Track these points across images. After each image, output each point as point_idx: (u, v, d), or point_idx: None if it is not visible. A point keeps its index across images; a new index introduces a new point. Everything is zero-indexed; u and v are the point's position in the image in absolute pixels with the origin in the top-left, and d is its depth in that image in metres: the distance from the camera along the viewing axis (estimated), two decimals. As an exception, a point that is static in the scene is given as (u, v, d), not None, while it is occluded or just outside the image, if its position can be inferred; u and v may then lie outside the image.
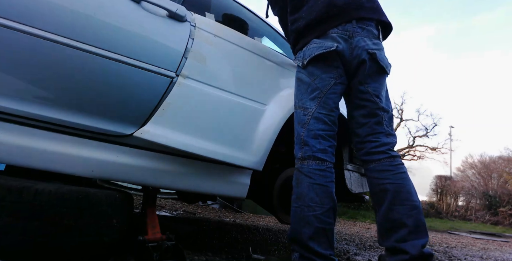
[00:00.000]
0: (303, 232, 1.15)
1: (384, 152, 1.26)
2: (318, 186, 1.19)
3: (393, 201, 1.19)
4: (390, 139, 1.29)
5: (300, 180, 1.22)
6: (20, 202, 0.92)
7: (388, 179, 1.22)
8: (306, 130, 1.25)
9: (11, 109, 1.01)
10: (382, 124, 1.29)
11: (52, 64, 1.05)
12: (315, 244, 1.13)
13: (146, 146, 1.22)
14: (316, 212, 1.16)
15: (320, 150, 1.22)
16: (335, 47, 1.24)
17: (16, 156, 1.02)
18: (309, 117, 1.26)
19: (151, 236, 1.19)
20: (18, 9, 0.99)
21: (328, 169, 1.22)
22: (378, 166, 1.26)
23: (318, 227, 1.14)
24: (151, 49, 1.20)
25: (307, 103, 1.28)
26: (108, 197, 1.07)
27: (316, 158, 1.22)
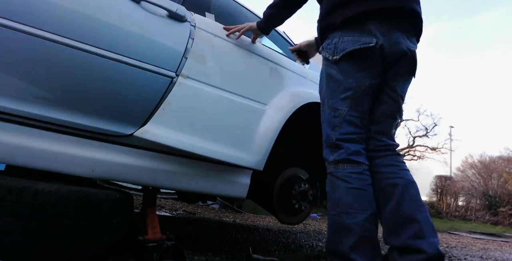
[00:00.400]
0: (344, 242, 1.04)
1: (389, 150, 1.21)
2: (356, 191, 1.10)
3: (403, 196, 1.11)
4: (393, 142, 1.25)
5: (336, 185, 1.13)
6: (20, 202, 0.92)
7: (397, 174, 1.16)
8: (338, 133, 1.16)
9: (11, 109, 1.01)
10: (392, 128, 1.25)
11: (52, 64, 1.05)
12: (358, 256, 1.01)
13: (146, 146, 1.22)
14: (357, 219, 1.05)
15: (354, 152, 1.14)
16: (374, 43, 1.12)
17: (16, 156, 1.02)
18: (340, 119, 1.16)
19: (151, 236, 1.19)
20: (18, 9, 0.99)
21: (364, 172, 1.14)
22: (384, 161, 1.19)
23: (361, 236, 1.03)
24: (151, 49, 1.20)
25: (337, 104, 1.17)
26: (108, 197, 1.07)
27: (351, 161, 1.13)
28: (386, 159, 1.19)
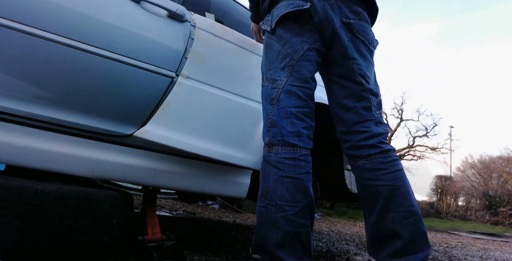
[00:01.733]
0: (269, 237, 0.92)
1: (375, 145, 1.04)
2: (289, 180, 0.95)
3: (385, 207, 0.98)
4: (382, 129, 1.07)
5: (267, 172, 0.99)
6: (20, 202, 0.92)
7: (380, 181, 1.01)
8: (276, 107, 1.02)
9: (11, 109, 1.01)
10: (371, 110, 1.07)
11: (52, 64, 1.05)
12: (285, 253, 0.90)
13: (146, 146, 1.22)
14: (287, 212, 0.93)
15: (291, 132, 0.99)
16: (308, 6, 1.03)
17: (16, 156, 1.02)
18: (279, 90, 1.03)
19: (151, 236, 1.19)
20: (18, 9, 0.99)
21: (302, 157, 0.98)
22: (368, 164, 1.04)
23: (289, 231, 0.91)
24: (151, 49, 1.20)
25: (276, 74, 1.05)
26: (108, 197, 1.07)
27: (287, 143, 0.98)
28: (371, 162, 1.04)
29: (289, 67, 1.04)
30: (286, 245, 0.91)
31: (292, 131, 0.99)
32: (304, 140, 1.00)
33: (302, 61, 1.04)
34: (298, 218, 0.93)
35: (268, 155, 1.00)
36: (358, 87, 1.07)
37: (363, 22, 1.10)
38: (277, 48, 1.08)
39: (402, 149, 18.44)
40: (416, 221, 0.98)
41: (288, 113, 1.01)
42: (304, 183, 0.97)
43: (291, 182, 0.96)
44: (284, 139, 0.99)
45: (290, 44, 1.06)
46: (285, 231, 0.92)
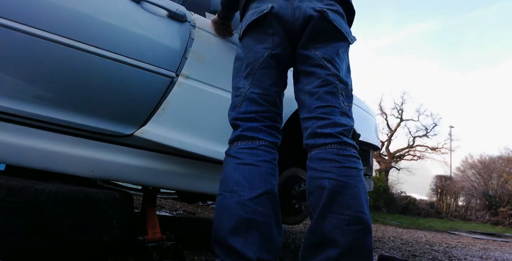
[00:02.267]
0: (223, 226, 0.84)
1: (333, 135, 0.93)
2: (246, 166, 0.90)
3: (328, 206, 0.85)
4: (345, 120, 0.97)
5: (225, 163, 0.96)
6: (20, 202, 0.91)
7: (329, 173, 0.88)
8: (236, 113, 1.02)
9: (11, 109, 1.01)
10: (336, 96, 0.98)
11: (52, 64, 1.05)
12: (238, 241, 0.81)
13: (146, 146, 1.22)
14: (242, 197, 0.85)
15: (251, 128, 0.98)
16: (269, 9, 1.00)
17: (16, 156, 1.02)
18: (241, 98, 1.02)
19: (151, 236, 1.19)
20: (18, 9, 0.99)
21: (261, 147, 0.95)
22: (321, 153, 0.92)
23: (244, 217, 0.83)
24: (151, 49, 1.20)
25: (240, 83, 1.05)
26: (108, 197, 1.07)
27: (245, 137, 0.96)
28: (324, 151, 0.92)
29: (252, 75, 1.04)
30: (240, 232, 0.83)
31: (251, 127, 0.99)
32: (264, 134, 0.99)
33: (263, 68, 1.03)
34: (255, 204, 0.85)
35: (228, 150, 0.99)
36: (324, 71, 1.00)
37: (336, 14, 1.04)
38: (243, 57, 1.08)
39: (402, 149, 18.44)
40: (363, 232, 0.84)
41: (248, 117, 1.01)
42: (262, 169, 0.92)
43: (248, 168, 0.91)
44: (242, 133, 0.98)
45: (252, 52, 1.05)
46: (239, 216, 0.84)
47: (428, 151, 18.47)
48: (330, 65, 1.00)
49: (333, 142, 0.93)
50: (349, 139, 0.95)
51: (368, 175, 2.15)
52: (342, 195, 0.86)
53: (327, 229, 0.84)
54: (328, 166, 0.90)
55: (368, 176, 2.16)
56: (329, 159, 0.91)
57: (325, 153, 0.92)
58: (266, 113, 1.02)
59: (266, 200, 0.88)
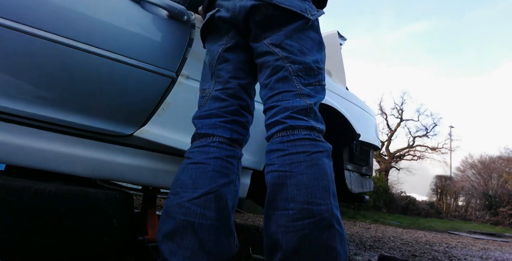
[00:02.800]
0: (161, 228, 0.78)
1: (279, 121, 0.83)
2: (195, 166, 0.83)
3: (271, 202, 0.74)
4: (299, 101, 0.85)
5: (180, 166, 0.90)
6: (20, 202, 0.91)
7: (272, 165, 0.78)
8: (198, 112, 0.98)
9: (11, 109, 1.02)
10: (289, 80, 0.88)
11: (52, 64, 1.05)
12: (168, 247, 0.74)
13: (146, 146, 1.22)
14: (183, 199, 0.78)
15: (206, 125, 0.92)
16: (215, 11, 1.00)
17: (16, 156, 1.02)
18: (206, 98, 0.98)
19: (151, 236, 1.19)
20: (18, 9, 0.99)
21: (212, 144, 0.87)
22: (269, 145, 0.84)
23: (181, 220, 0.75)
24: (151, 49, 1.20)
25: (206, 85, 1.02)
26: (108, 197, 1.07)
27: (200, 135, 0.90)
28: (270, 143, 0.84)
29: (212, 74, 1.01)
30: (173, 236, 0.75)
31: (206, 124, 0.93)
32: (220, 131, 0.91)
33: (219, 64, 1.00)
34: (195, 205, 0.77)
35: (186, 152, 0.93)
36: (272, 57, 0.91)
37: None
38: (206, 61, 1.07)
39: (402, 149, 18.45)
40: (315, 227, 0.68)
41: (208, 114, 0.95)
42: (210, 167, 0.83)
43: (196, 167, 0.84)
44: (197, 132, 0.93)
45: (210, 53, 1.04)
46: (176, 220, 0.76)
47: (428, 151, 18.50)
48: (279, 49, 0.91)
49: (278, 130, 0.82)
50: (300, 120, 0.82)
51: (368, 175, 2.16)
52: (286, 187, 0.73)
53: (273, 230, 0.71)
54: (272, 157, 0.79)
55: (368, 176, 2.17)
56: (273, 150, 0.80)
57: (271, 144, 0.83)
58: (228, 107, 0.95)
59: (208, 201, 0.78)
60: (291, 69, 0.89)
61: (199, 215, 0.76)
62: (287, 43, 0.92)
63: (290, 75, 0.88)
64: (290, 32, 0.93)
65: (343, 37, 2.32)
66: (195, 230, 0.74)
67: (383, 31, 38.32)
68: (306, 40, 0.95)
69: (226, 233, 0.79)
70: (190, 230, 0.74)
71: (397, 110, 18.67)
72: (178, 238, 0.74)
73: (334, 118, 1.71)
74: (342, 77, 2.22)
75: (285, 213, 0.71)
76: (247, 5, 0.93)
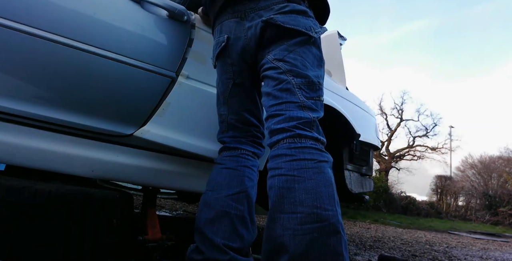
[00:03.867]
0: (202, 216, 0.97)
1: (286, 129, 0.86)
2: (228, 170, 1.04)
3: (278, 205, 0.75)
4: (303, 113, 0.89)
5: (213, 168, 1.10)
6: (20, 202, 0.91)
7: (279, 169, 0.80)
8: (222, 136, 1.15)
9: (11, 109, 1.01)
10: (292, 92, 0.91)
11: (52, 64, 1.05)
12: (210, 230, 0.92)
13: (146, 146, 1.22)
14: (220, 194, 0.98)
15: (234, 141, 1.11)
16: (226, 39, 1.04)
17: (16, 156, 1.02)
18: (226, 124, 1.14)
19: (151, 236, 1.19)
20: (18, 9, 0.99)
21: (241, 155, 1.08)
22: (274, 151, 0.86)
23: (220, 210, 0.94)
24: (151, 49, 1.20)
25: (221, 109, 1.15)
26: (108, 197, 1.07)
27: (229, 148, 1.10)
28: (277, 148, 0.86)
29: (225, 104, 1.13)
30: (216, 222, 0.94)
31: (234, 140, 1.12)
32: (245, 146, 1.11)
33: (231, 97, 1.12)
34: (230, 200, 0.97)
35: (216, 159, 1.13)
36: (274, 71, 0.96)
37: (289, 14, 0.98)
38: (217, 89, 1.17)
39: (402, 149, 18.45)
40: (323, 231, 0.69)
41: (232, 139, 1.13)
42: (241, 173, 1.04)
43: (229, 172, 1.04)
44: (227, 145, 1.12)
45: (221, 83, 1.14)
46: (216, 210, 0.96)
47: (428, 151, 18.49)
48: (282, 63, 0.95)
49: (286, 137, 0.86)
50: (306, 131, 0.87)
51: (368, 175, 2.15)
52: (294, 191, 0.75)
53: (278, 234, 0.72)
54: (279, 162, 0.82)
55: (368, 176, 2.17)
56: (280, 155, 0.83)
57: (277, 150, 0.86)
58: (247, 132, 1.13)
59: (241, 198, 0.99)
60: (294, 82, 0.93)
61: (233, 207, 0.96)
62: (290, 56, 0.96)
63: (293, 88, 0.92)
64: (293, 46, 0.97)
65: (343, 37, 2.32)
66: (231, 218, 0.94)
67: (381, 31, 38.27)
68: (309, 55, 0.98)
69: (251, 223, 1.00)
70: (227, 217, 0.94)
71: (397, 110, 18.68)
72: (217, 222, 0.93)
73: (334, 118, 1.71)
74: (342, 77, 2.22)
75: (293, 216, 0.72)
76: (257, 29, 0.99)
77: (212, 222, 0.94)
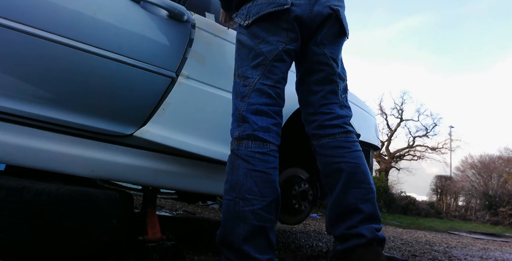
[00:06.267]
0: (236, 232, 0.92)
1: (340, 125, 1.10)
2: (258, 174, 0.95)
3: (348, 183, 1.04)
4: (345, 112, 1.14)
5: (236, 165, 0.98)
6: (20, 202, 0.92)
7: (344, 157, 1.06)
8: (246, 104, 1.02)
9: (11, 109, 1.01)
10: (336, 93, 1.14)
11: (52, 64, 1.05)
12: (251, 248, 0.90)
13: (146, 146, 1.22)
14: (255, 206, 0.92)
15: (262, 128, 0.99)
16: (290, 5, 1.02)
17: (16, 156, 1.02)
18: (250, 88, 1.04)
19: (151, 236, 1.19)
20: (18, 9, 0.99)
21: (271, 152, 0.99)
22: (332, 142, 1.09)
23: (256, 226, 0.91)
24: (151, 49, 1.20)
25: (248, 72, 1.06)
26: (108, 197, 1.07)
27: (257, 138, 0.98)
28: (335, 140, 1.09)
29: (262, 66, 1.05)
30: (252, 239, 0.91)
31: (262, 126, 1.00)
32: (273, 136, 1.02)
33: (276, 61, 1.05)
34: (265, 212, 0.93)
35: (238, 149, 0.99)
36: (330, 70, 1.12)
37: (344, 9, 1.13)
38: (250, 45, 1.07)
39: (402, 149, 18.45)
40: (374, 198, 1.05)
41: (259, 110, 1.02)
42: (272, 177, 0.98)
43: (259, 176, 0.96)
44: (254, 133, 0.99)
45: (265, 43, 1.05)
46: (252, 225, 0.91)
47: (428, 151, 18.49)
48: (335, 64, 1.12)
49: (340, 132, 1.09)
50: (350, 127, 1.13)
51: (368, 175, 2.15)
52: (357, 174, 1.05)
53: (351, 201, 1.02)
54: (341, 152, 1.07)
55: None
56: (341, 146, 1.08)
57: (336, 142, 1.09)
58: (275, 107, 1.06)
59: (273, 207, 0.96)
60: (339, 85, 1.14)
61: (268, 220, 0.94)
62: (339, 58, 1.16)
63: (337, 89, 1.14)
64: (340, 48, 1.16)
65: None
66: (266, 232, 0.93)
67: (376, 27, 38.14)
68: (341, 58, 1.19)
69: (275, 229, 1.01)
70: (263, 233, 0.93)
71: (397, 110, 18.67)
72: (254, 239, 0.91)
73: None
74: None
75: (359, 190, 1.04)
76: (324, 12, 1.07)
77: (248, 239, 0.91)
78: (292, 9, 1.03)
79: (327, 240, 2.86)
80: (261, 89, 1.04)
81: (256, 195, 0.94)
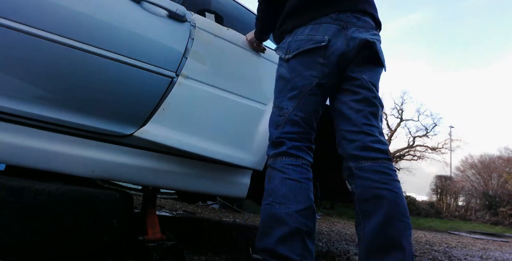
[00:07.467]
0: (272, 233, 0.95)
1: (383, 151, 1.07)
2: (292, 182, 1.02)
3: (391, 214, 0.98)
4: (385, 140, 1.11)
5: (273, 175, 1.05)
6: (20, 202, 0.92)
7: (387, 185, 1.02)
8: (279, 132, 1.11)
9: (11, 109, 1.01)
10: (377, 117, 1.12)
11: (52, 64, 1.05)
12: (287, 249, 0.92)
13: (146, 146, 1.22)
14: (291, 209, 0.96)
15: (294, 146, 1.08)
16: (327, 42, 1.08)
17: (16, 156, 1.02)
18: (284, 119, 1.11)
19: (151, 236, 1.19)
20: (18, 9, 0.99)
21: (303, 165, 1.06)
22: (375, 166, 1.04)
23: (292, 227, 0.94)
24: (151, 49, 1.20)
25: (283, 103, 1.13)
26: (108, 197, 1.07)
27: (290, 154, 1.06)
28: (378, 165, 1.05)
29: (297, 99, 1.12)
30: (288, 240, 0.93)
31: (295, 145, 1.08)
32: (305, 154, 1.09)
33: (309, 95, 1.11)
34: (301, 216, 0.96)
35: (274, 163, 1.08)
36: (370, 93, 1.12)
37: (380, 43, 1.17)
38: (288, 78, 1.14)
39: (402, 149, 18.44)
40: (411, 235, 1.00)
41: (290, 137, 1.10)
42: (305, 186, 1.02)
43: (294, 184, 1.01)
44: (288, 151, 1.07)
45: (300, 78, 1.12)
46: (288, 226, 0.94)
47: (428, 151, 18.48)
48: (375, 88, 1.13)
49: (384, 158, 1.05)
50: (390, 156, 1.10)
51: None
52: (399, 205, 1.00)
53: (395, 234, 0.96)
54: (385, 178, 1.03)
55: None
56: (385, 172, 1.03)
57: (379, 167, 1.04)
58: (306, 135, 1.12)
59: (309, 213, 0.99)
60: (379, 110, 1.13)
61: (304, 224, 0.96)
62: (378, 85, 1.16)
63: (378, 114, 1.12)
64: (379, 76, 1.18)
65: None
66: (302, 235, 0.95)
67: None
68: None
69: (313, 236, 1.01)
70: (298, 235, 0.94)
71: (397, 110, 18.67)
72: (290, 240, 0.93)
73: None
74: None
75: (402, 223, 0.98)
76: (360, 45, 1.10)
77: (284, 240, 0.93)
78: (329, 45, 1.09)
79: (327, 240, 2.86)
80: (294, 119, 1.10)
81: (291, 200, 0.99)
